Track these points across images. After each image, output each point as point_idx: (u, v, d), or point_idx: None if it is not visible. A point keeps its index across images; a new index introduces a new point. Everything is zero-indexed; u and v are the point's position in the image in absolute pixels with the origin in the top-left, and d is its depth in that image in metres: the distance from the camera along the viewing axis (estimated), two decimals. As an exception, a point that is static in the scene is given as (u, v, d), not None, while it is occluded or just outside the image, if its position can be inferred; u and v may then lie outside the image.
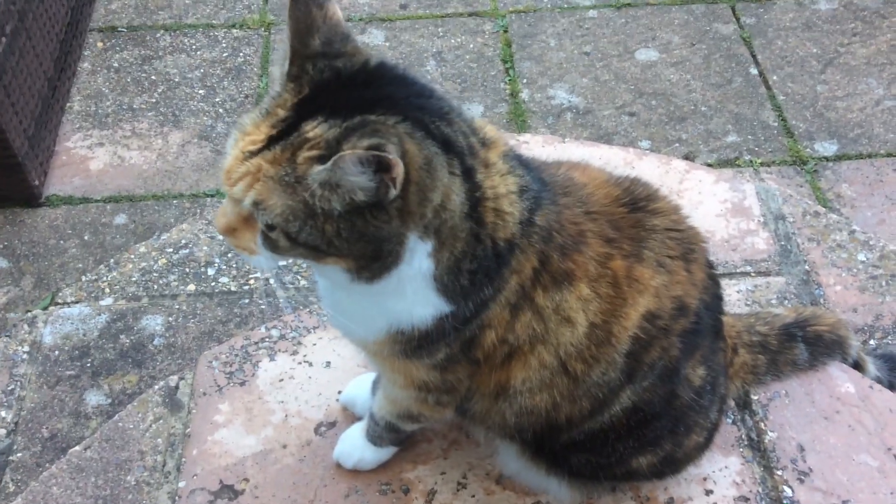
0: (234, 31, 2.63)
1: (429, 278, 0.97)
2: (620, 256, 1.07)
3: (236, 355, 1.57)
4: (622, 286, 1.07)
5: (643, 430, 1.17)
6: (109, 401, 1.73)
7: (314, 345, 1.58)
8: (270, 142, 0.89)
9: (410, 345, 1.05)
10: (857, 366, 1.55)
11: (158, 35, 2.62)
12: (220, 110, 2.40)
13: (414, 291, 0.98)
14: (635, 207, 1.11)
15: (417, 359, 1.07)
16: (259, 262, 0.97)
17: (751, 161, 2.27)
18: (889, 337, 1.74)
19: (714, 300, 1.20)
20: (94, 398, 1.73)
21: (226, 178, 0.91)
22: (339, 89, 0.91)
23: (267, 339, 1.59)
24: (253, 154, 0.89)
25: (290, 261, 1.91)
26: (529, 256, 1.02)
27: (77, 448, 1.46)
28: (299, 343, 1.58)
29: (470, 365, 1.10)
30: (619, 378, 1.11)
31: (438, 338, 1.03)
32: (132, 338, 1.82)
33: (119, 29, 2.63)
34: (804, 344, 1.48)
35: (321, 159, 0.85)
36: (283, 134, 0.89)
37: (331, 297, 1.10)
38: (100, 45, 2.59)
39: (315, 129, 0.87)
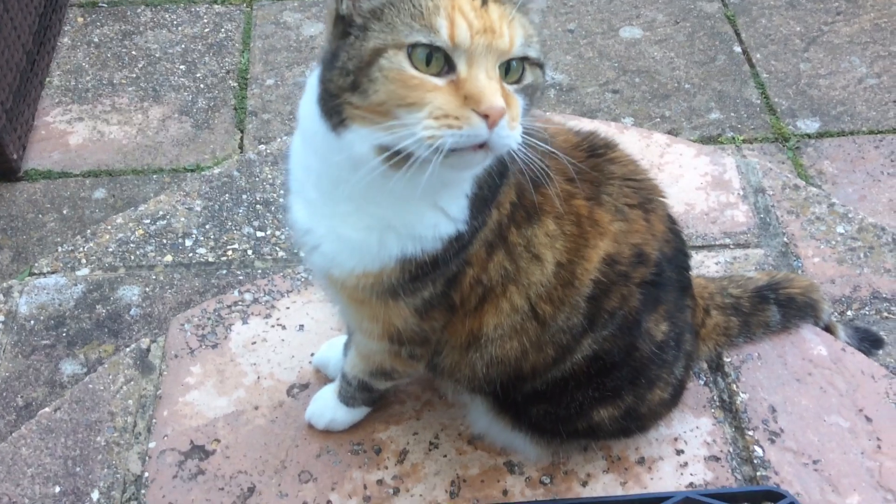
0: (216, 6, 2.62)
1: (473, 182, 0.99)
2: (582, 197, 1.08)
3: (209, 318, 1.56)
4: (584, 226, 1.07)
5: (602, 378, 1.18)
6: (85, 370, 1.72)
7: (287, 308, 1.57)
8: None
9: (410, 276, 1.02)
10: (828, 330, 1.55)
11: (139, 10, 2.60)
12: (201, 85, 2.39)
13: (463, 195, 0.98)
14: (593, 154, 1.12)
15: (406, 297, 1.05)
16: (512, 140, 0.86)
17: (733, 138, 2.27)
18: (866, 308, 1.74)
19: (677, 254, 1.20)
20: (69, 367, 1.72)
21: (486, 36, 0.83)
22: None
23: (240, 303, 1.59)
24: (483, 5, 0.85)
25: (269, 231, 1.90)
26: (511, 187, 1.03)
27: (47, 409, 1.46)
28: (272, 306, 1.58)
29: (446, 311, 1.10)
30: (581, 323, 1.11)
31: (437, 265, 1.02)
32: (108, 308, 1.81)
33: (100, 4, 2.62)
34: (777, 306, 1.48)
35: None
36: None
37: (329, 223, 1.03)
38: (80, 19, 2.58)
39: None
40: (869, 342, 1.58)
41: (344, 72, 0.88)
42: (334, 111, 0.91)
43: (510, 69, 0.87)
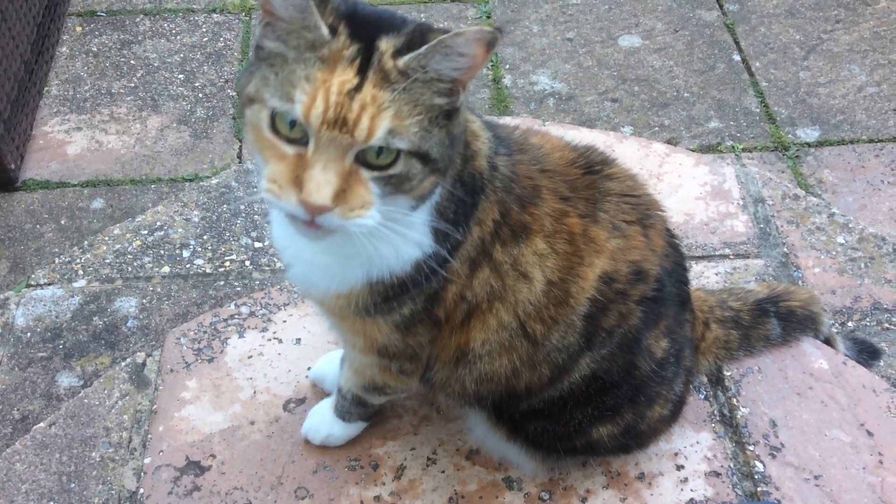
0: (215, 15, 2.62)
1: (431, 208, 0.96)
2: (576, 215, 1.07)
3: (205, 332, 1.55)
4: (578, 244, 1.06)
5: (602, 397, 1.16)
6: (81, 382, 1.71)
7: (284, 322, 1.56)
8: (361, 74, 0.83)
9: (381, 296, 1.02)
10: (828, 342, 1.54)
11: (138, 19, 2.60)
12: (200, 95, 2.38)
13: (420, 223, 0.96)
14: (590, 171, 1.11)
15: (383, 314, 1.05)
16: (365, 224, 0.86)
17: (733, 147, 2.26)
18: (867, 319, 1.73)
19: (677, 269, 1.19)
20: (65, 380, 1.71)
21: (335, 129, 0.82)
22: (360, 19, 0.87)
23: (236, 316, 1.58)
24: (356, 90, 0.82)
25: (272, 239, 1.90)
26: (492, 205, 1.02)
27: (41, 424, 1.45)
28: (269, 320, 1.57)
29: (432, 326, 1.09)
30: (578, 343, 1.10)
31: (409, 287, 1.01)
32: (105, 320, 1.80)
33: (98, 13, 2.62)
34: (777, 319, 1.47)
35: (410, 51, 0.84)
36: (365, 63, 0.83)
37: (297, 246, 1.04)
38: (78, 29, 2.57)
39: (387, 44, 0.84)
40: (867, 353, 1.57)
41: (240, 95, 0.90)
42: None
43: (379, 153, 0.85)
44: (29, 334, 1.77)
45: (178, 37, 2.55)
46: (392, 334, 1.08)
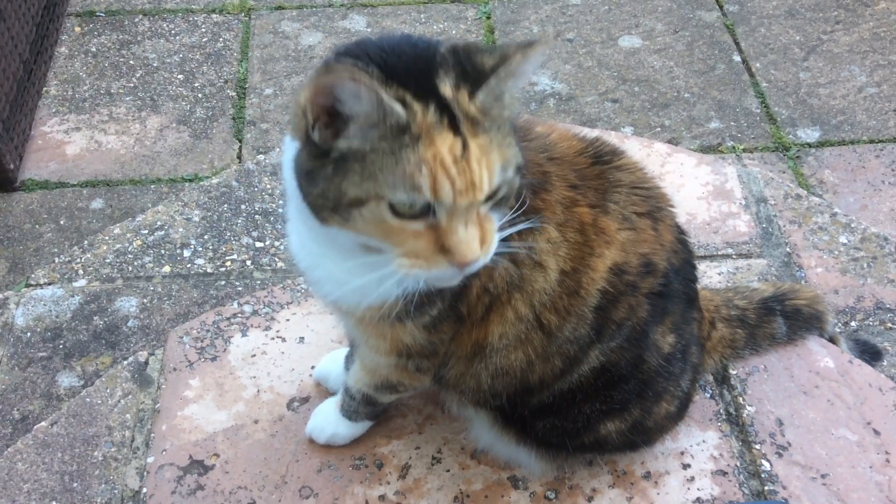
0: (214, 16, 2.61)
1: None
2: (586, 204, 1.06)
3: (207, 331, 1.54)
4: (589, 234, 1.06)
5: (610, 391, 1.16)
6: (82, 382, 1.70)
7: (287, 320, 1.56)
8: (455, 131, 0.84)
9: (414, 304, 1.02)
10: (832, 342, 1.54)
11: (137, 20, 2.59)
12: (199, 95, 2.37)
13: None
14: (599, 161, 1.10)
15: (414, 319, 1.05)
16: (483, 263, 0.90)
17: (733, 147, 2.26)
18: (870, 318, 1.73)
19: (685, 266, 1.18)
20: (66, 380, 1.70)
21: (468, 194, 0.84)
22: (400, 71, 0.87)
23: (239, 315, 1.57)
24: (464, 149, 0.84)
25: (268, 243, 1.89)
26: None
27: (43, 424, 1.43)
28: (272, 318, 1.56)
29: (455, 322, 1.08)
30: (588, 335, 1.10)
31: (441, 290, 1.01)
32: (106, 319, 1.79)
33: (97, 13, 2.61)
34: (782, 318, 1.46)
35: (473, 84, 0.85)
36: (451, 117, 0.84)
37: (325, 266, 1.03)
38: (77, 29, 2.56)
39: (447, 88, 0.85)
40: (869, 354, 1.57)
41: (324, 197, 0.89)
42: (314, 210, 0.91)
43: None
44: (29, 334, 1.76)
45: (178, 37, 2.54)
46: (418, 334, 1.08)
